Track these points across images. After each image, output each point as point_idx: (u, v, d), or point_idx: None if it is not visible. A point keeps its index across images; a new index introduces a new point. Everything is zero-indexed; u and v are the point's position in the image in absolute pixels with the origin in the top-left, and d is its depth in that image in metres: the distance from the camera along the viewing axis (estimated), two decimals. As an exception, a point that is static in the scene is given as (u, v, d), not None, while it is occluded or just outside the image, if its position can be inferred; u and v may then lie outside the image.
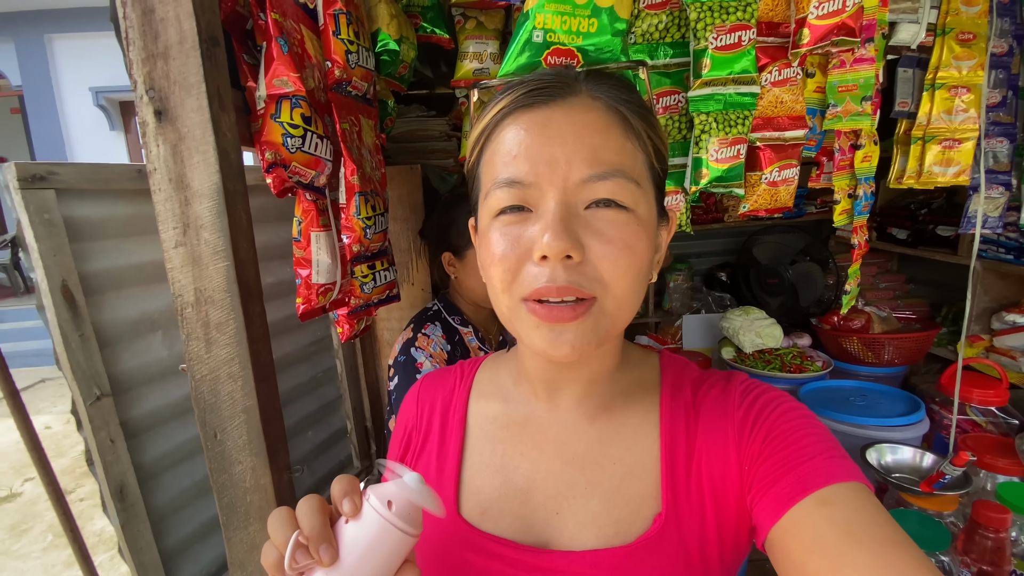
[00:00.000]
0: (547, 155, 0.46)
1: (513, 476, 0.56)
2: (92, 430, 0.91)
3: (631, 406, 0.56)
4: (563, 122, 0.47)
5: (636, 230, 0.47)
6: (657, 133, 0.51)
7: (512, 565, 0.52)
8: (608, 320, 0.48)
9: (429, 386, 0.67)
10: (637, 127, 0.49)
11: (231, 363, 0.74)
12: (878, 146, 1.19)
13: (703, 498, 0.51)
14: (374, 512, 0.41)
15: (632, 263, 0.47)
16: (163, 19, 0.66)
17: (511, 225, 0.48)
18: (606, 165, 0.46)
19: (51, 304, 0.85)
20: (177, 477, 1.07)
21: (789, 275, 2.22)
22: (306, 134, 0.84)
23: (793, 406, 0.51)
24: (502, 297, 0.49)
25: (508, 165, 0.48)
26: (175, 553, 1.06)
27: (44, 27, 6.73)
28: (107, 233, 0.96)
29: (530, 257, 0.46)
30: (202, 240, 0.71)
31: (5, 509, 3.24)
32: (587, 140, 0.46)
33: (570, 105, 0.48)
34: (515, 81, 0.51)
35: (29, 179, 0.83)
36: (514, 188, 0.47)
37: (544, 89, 0.48)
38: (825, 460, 0.45)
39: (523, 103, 0.48)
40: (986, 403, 1.37)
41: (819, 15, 0.88)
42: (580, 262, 0.45)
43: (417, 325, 1.30)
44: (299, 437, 1.43)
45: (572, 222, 0.46)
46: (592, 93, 0.49)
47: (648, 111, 0.51)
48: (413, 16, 1.16)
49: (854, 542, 0.39)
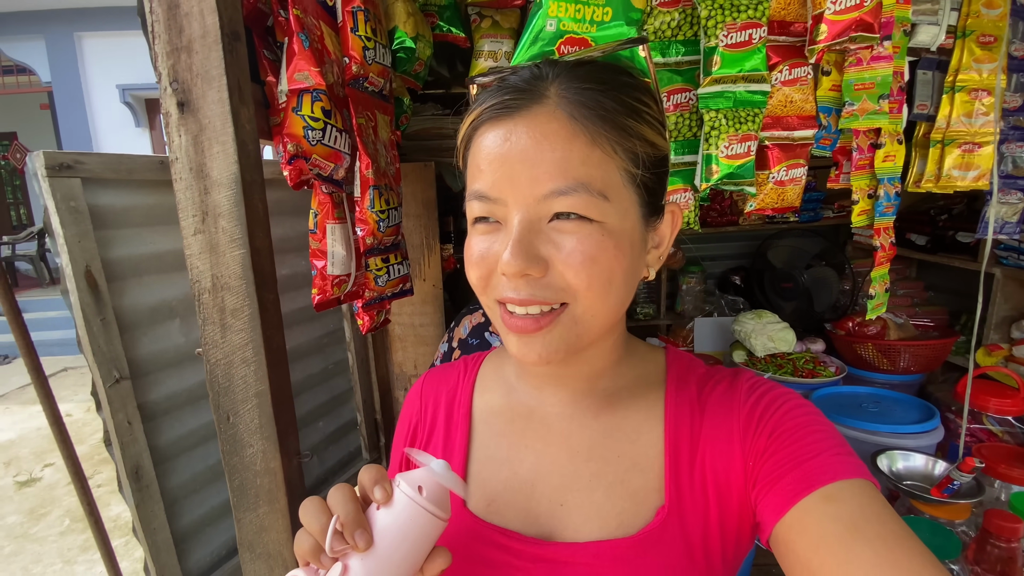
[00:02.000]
0: (508, 172, 0.46)
1: (518, 469, 0.57)
2: (111, 411, 0.94)
3: (636, 400, 0.57)
4: (524, 136, 0.45)
5: (600, 241, 0.46)
6: (641, 132, 0.48)
7: (517, 556, 0.53)
8: (581, 327, 0.48)
9: (433, 381, 0.68)
10: (607, 133, 0.46)
11: (245, 348, 0.77)
12: (902, 146, 1.17)
13: (706, 492, 0.51)
14: (406, 497, 0.42)
15: (596, 273, 0.46)
16: (187, 14, 0.68)
17: (484, 235, 0.49)
18: (568, 180, 0.44)
19: (74, 289, 0.88)
20: (191, 461, 1.10)
21: (804, 280, 2.20)
22: (326, 127, 0.86)
23: (799, 403, 0.51)
24: (481, 297, 0.52)
25: (476, 179, 0.48)
26: (188, 535, 1.09)
27: (74, 25, 6.92)
28: (130, 221, 0.99)
29: (497, 267, 0.47)
30: (220, 228, 0.73)
31: (25, 494, 3.33)
32: (547, 155, 0.44)
33: (534, 115, 0.46)
34: (491, 87, 0.50)
35: (57, 167, 0.86)
36: (483, 202, 0.48)
37: (509, 100, 0.47)
38: (831, 457, 0.45)
39: (489, 116, 0.48)
40: (1003, 412, 1.35)
41: (837, 10, 0.87)
42: (543, 276, 0.46)
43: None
44: (310, 427, 1.45)
45: (533, 239, 0.45)
46: (560, 98, 0.46)
47: (629, 110, 0.47)
48: (430, 15, 1.18)
49: (860, 538, 0.39)
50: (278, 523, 0.83)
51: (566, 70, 0.48)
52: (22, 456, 3.82)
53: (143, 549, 1.00)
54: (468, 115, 0.51)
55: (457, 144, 0.54)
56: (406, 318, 1.64)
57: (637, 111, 0.48)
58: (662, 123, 0.52)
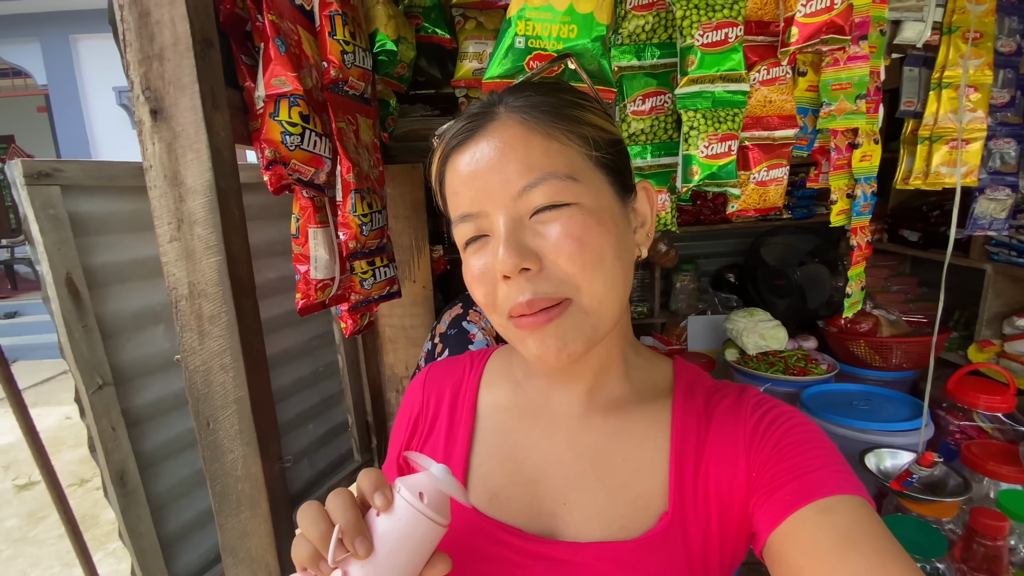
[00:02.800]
0: (481, 183, 0.49)
1: (522, 465, 0.57)
2: (94, 417, 0.94)
3: (643, 405, 0.57)
4: (487, 148, 0.49)
5: (582, 220, 0.48)
6: (588, 120, 0.52)
7: (518, 552, 0.53)
8: (592, 316, 0.49)
9: (437, 374, 0.68)
10: (558, 125, 0.50)
11: (223, 355, 0.77)
12: (879, 145, 1.17)
13: (709, 502, 0.51)
14: (406, 504, 0.41)
15: (587, 251, 0.47)
16: (158, 22, 0.68)
17: (478, 252, 0.51)
18: (535, 172, 0.47)
19: (55, 296, 0.88)
20: (177, 465, 1.09)
21: (797, 277, 2.20)
22: (304, 132, 0.86)
23: (803, 421, 0.52)
24: (491, 316, 0.53)
25: (456, 205, 0.51)
26: (174, 539, 1.08)
27: (69, 27, 6.91)
28: (111, 228, 0.99)
29: (497, 277, 0.49)
30: (195, 235, 0.73)
31: (23, 497, 3.34)
32: (510, 156, 0.48)
33: (491, 130, 0.50)
34: (450, 127, 0.54)
35: (35, 176, 0.86)
36: (468, 222, 0.50)
37: (465, 127, 0.51)
38: (830, 473, 0.46)
39: (454, 144, 0.51)
40: (993, 409, 1.34)
41: (807, 13, 0.87)
42: (540, 270, 0.47)
43: (467, 303, 1.29)
44: (300, 430, 1.45)
45: (521, 235, 0.48)
46: (509, 111, 0.50)
47: (571, 104, 0.52)
48: (415, 17, 1.18)
49: (853, 548, 0.40)
50: (260, 528, 0.83)
51: (510, 91, 0.53)
52: (21, 460, 3.82)
53: (130, 554, 1.00)
54: (435, 154, 0.55)
55: (433, 185, 0.57)
56: (397, 320, 1.64)
57: (579, 104, 0.52)
58: (608, 113, 0.56)
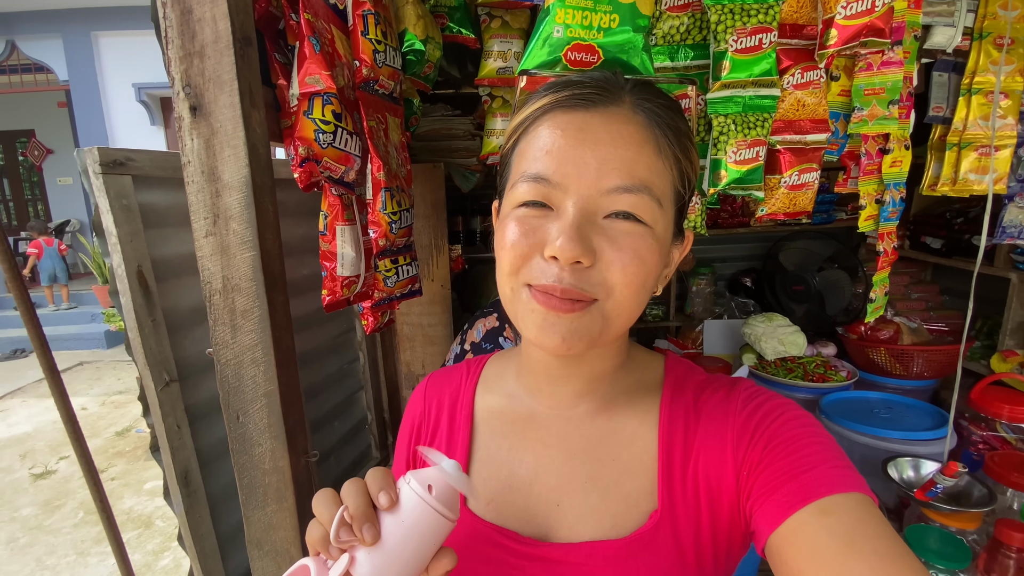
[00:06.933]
0: (577, 158, 0.47)
1: (517, 469, 0.58)
2: (161, 415, 0.92)
3: (632, 406, 0.58)
4: (600, 129, 0.47)
5: (651, 244, 0.48)
6: (689, 158, 0.52)
7: (514, 555, 0.54)
8: (605, 323, 0.49)
9: (436, 383, 0.69)
10: (671, 149, 0.49)
11: (255, 349, 0.78)
12: (909, 151, 1.16)
13: (699, 498, 0.52)
14: (415, 495, 0.42)
15: (640, 273, 0.47)
16: (200, 19, 0.69)
17: (530, 217, 0.49)
18: (635, 179, 0.47)
19: (127, 289, 0.87)
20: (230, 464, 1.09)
21: (816, 282, 2.18)
22: (337, 130, 0.87)
23: (797, 414, 0.51)
24: (507, 279, 0.50)
25: (538, 160, 0.48)
26: (228, 539, 1.07)
27: (91, 24, 7.02)
28: (172, 220, 0.97)
29: (541, 251, 0.48)
30: (231, 230, 0.74)
31: (40, 486, 3.39)
32: (620, 151, 0.47)
33: (611, 114, 0.48)
34: (562, 80, 0.52)
35: (110, 164, 0.84)
36: (540, 184, 0.48)
37: (588, 94, 0.49)
38: (828, 469, 0.45)
39: (564, 104, 0.49)
40: (1017, 420, 1.33)
41: (847, 15, 0.86)
42: (589, 267, 0.47)
43: (502, 317, 1.25)
44: (327, 427, 1.45)
45: (588, 229, 0.46)
46: (635, 105, 0.49)
47: (686, 135, 0.51)
48: (440, 16, 1.18)
49: (853, 552, 0.39)
50: (286, 521, 0.84)
51: (639, 83, 0.52)
52: (38, 449, 3.89)
53: (190, 556, 0.98)
54: (535, 101, 0.52)
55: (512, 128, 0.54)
56: (414, 318, 1.65)
57: (691, 138, 0.53)
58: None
